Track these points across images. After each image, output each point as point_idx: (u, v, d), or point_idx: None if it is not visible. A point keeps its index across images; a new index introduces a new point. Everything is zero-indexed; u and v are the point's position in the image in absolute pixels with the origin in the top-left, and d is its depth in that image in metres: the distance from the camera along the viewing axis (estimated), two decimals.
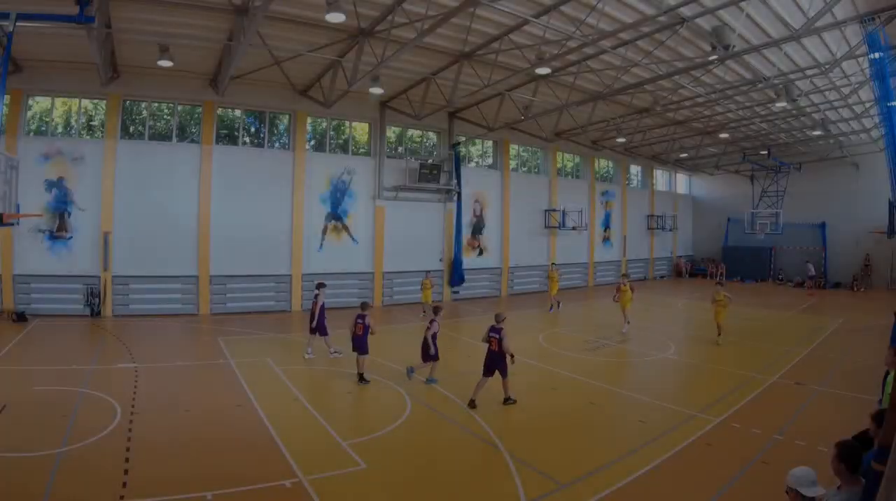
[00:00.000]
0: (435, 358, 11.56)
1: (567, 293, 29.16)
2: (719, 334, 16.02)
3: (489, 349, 10.40)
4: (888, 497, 3.48)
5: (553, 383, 12.28)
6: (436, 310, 11.99)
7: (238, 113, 21.66)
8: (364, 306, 12.45)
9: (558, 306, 22.69)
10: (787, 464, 4.48)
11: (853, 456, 4.11)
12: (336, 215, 22.91)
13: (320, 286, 14.04)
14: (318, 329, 13.54)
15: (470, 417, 9.74)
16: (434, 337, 11.47)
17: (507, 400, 10.36)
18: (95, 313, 18.40)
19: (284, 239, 21.59)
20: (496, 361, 10.26)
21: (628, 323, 17.97)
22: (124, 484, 6.81)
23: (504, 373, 10.31)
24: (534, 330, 18.23)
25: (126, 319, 18.33)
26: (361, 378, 11.73)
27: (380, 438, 8.74)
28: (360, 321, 11.89)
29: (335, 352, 13.61)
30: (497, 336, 10.28)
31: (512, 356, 10.24)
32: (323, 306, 13.63)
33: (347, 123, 24.02)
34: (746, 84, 19.39)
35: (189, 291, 19.91)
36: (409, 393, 11.00)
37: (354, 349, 11.89)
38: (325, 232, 22.64)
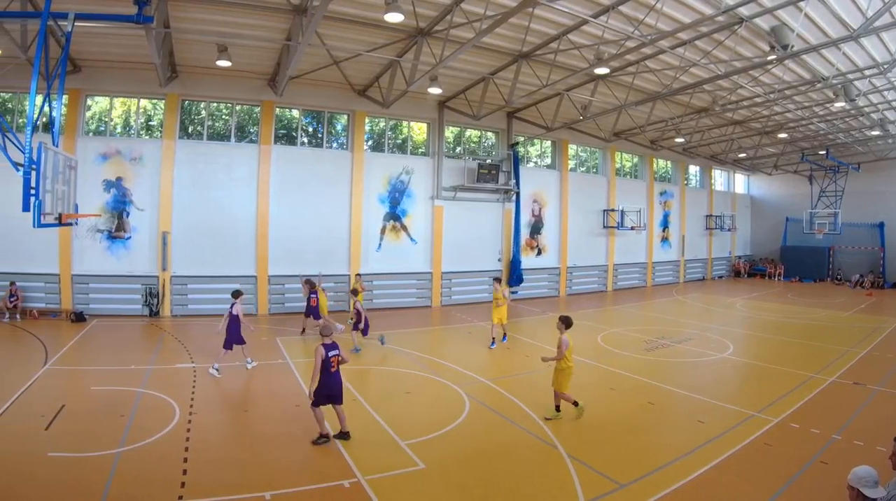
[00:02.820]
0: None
1: (626, 293, 29.19)
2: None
3: (330, 372, 8.22)
4: None
5: (611, 383, 12.08)
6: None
7: (296, 113, 21.63)
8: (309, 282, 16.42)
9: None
10: (846, 464, 4.56)
11: None
12: (394, 215, 22.69)
13: (237, 295, 12.60)
14: (226, 340, 12.20)
15: (528, 417, 9.65)
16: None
17: (343, 435, 8.36)
18: (154, 313, 18.58)
19: (343, 239, 21.46)
20: (338, 386, 8.36)
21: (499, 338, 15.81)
22: (182, 485, 6.74)
23: (339, 400, 8.43)
24: (592, 330, 17.93)
25: (184, 319, 18.44)
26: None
27: (438, 438, 8.67)
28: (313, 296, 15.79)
29: (215, 369, 12.00)
30: (339, 353, 8.36)
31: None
32: (238, 317, 12.26)
33: (405, 123, 23.80)
34: (805, 84, 18.90)
35: (248, 291, 19.78)
36: (468, 394, 10.83)
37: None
38: (383, 232, 22.45)
